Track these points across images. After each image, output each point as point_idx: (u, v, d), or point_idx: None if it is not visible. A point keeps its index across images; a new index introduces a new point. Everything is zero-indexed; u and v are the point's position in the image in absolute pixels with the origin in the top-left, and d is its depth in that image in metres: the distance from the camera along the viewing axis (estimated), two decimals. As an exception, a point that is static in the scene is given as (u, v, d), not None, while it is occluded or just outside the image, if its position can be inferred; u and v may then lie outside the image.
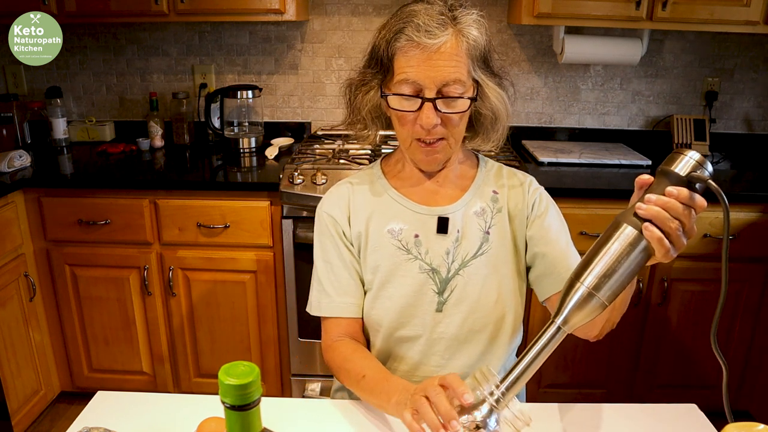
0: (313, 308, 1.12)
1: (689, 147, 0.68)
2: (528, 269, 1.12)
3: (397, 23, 0.97)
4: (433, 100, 0.96)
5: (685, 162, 0.70)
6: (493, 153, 2.16)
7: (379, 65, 1.01)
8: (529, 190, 1.11)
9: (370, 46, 1.04)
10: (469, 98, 0.99)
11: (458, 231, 1.07)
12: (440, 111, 0.97)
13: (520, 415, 0.72)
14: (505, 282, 1.08)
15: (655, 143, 2.46)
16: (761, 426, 0.76)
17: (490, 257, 1.07)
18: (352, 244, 1.10)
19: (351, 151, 2.18)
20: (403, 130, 1.02)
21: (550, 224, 1.09)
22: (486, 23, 1.01)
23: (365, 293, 1.11)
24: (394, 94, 0.99)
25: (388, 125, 1.10)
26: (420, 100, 0.97)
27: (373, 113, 1.08)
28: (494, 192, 1.11)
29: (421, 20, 0.94)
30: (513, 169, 1.17)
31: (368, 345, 1.14)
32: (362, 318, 1.11)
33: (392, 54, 0.97)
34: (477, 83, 1.01)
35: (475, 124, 1.09)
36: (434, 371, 1.08)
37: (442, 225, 1.07)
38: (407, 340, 1.08)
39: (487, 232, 1.08)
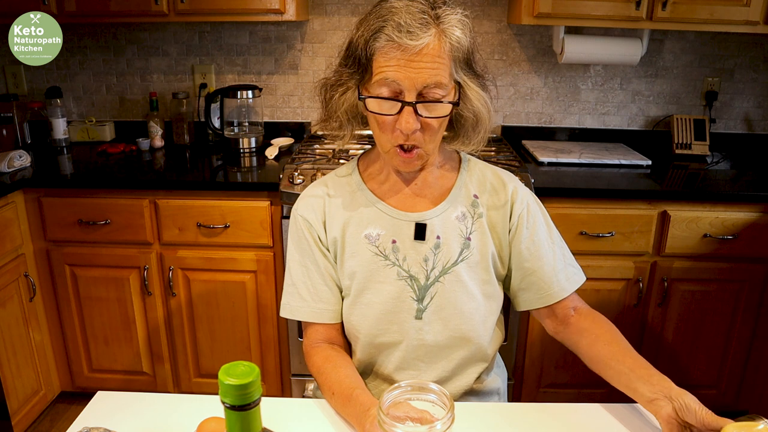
0: (285, 311, 1.10)
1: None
2: (508, 277, 1.10)
3: (376, 21, 0.91)
4: (413, 104, 0.91)
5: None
6: (493, 154, 2.16)
7: (357, 65, 0.95)
8: (516, 199, 1.07)
9: (346, 43, 0.98)
10: (450, 102, 0.95)
11: (438, 237, 1.04)
12: (420, 115, 0.93)
13: None
14: (485, 288, 1.06)
15: (655, 143, 2.46)
16: (761, 426, 0.76)
17: (470, 263, 1.04)
18: (328, 250, 1.08)
19: (351, 151, 2.18)
20: (382, 135, 0.98)
21: (540, 240, 1.08)
22: (470, 23, 0.95)
23: (343, 299, 1.09)
24: (372, 97, 0.94)
25: (365, 123, 1.05)
26: (399, 104, 0.92)
27: (349, 113, 1.03)
28: (475, 196, 1.07)
29: (402, 19, 0.88)
30: (498, 170, 1.12)
31: (350, 348, 1.13)
32: (341, 322, 1.10)
33: (371, 54, 0.92)
34: (458, 84, 0.97)
35: (455, 126, 1.04)
36: (416, 376, 1.06)
37: (420, 231, 1.03)
38: (387, 347, 1.07)
39: (468, 238, 1.05)
